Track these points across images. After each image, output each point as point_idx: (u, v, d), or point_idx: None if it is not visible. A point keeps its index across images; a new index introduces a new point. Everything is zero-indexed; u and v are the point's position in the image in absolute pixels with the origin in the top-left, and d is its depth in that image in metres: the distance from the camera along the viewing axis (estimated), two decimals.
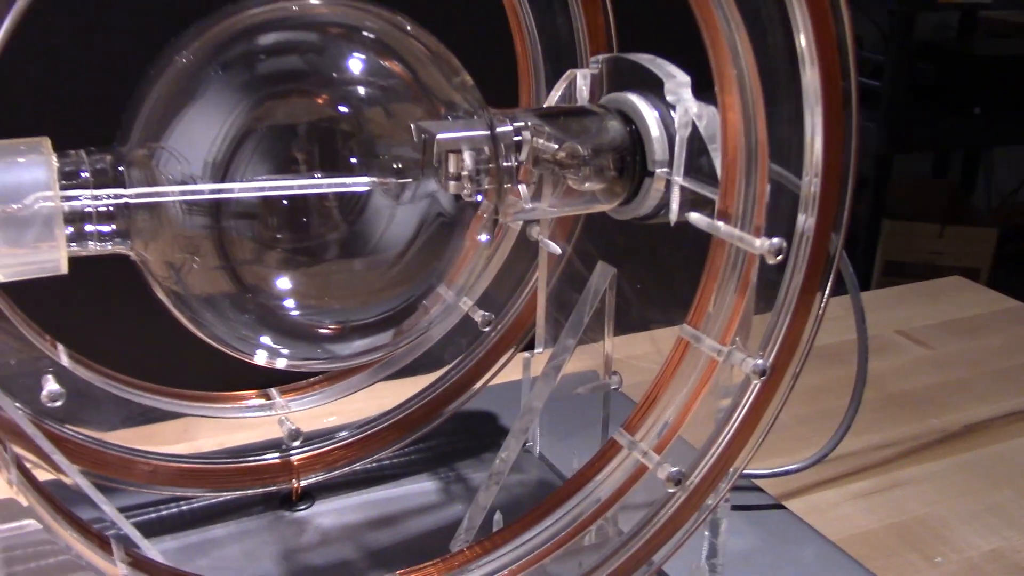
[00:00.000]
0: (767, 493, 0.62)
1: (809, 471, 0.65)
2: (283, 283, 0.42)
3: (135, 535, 0.45)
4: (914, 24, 1.84)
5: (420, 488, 0.59)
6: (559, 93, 0.52)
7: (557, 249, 0.56)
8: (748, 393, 0.45)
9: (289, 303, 0.43)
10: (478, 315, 0.58)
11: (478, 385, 0.59)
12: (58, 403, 0.49)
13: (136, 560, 0.38)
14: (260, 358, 0.45)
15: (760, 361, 0.44)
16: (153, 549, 0.46)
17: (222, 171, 0.40)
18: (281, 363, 0.45)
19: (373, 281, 0.44)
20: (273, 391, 0.57)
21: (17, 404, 0.48)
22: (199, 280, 0.41)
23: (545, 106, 0.52)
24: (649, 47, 0.50)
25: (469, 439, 0.61)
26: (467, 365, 0.59)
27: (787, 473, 0.62)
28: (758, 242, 0.43)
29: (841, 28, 0.41)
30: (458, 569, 0.46)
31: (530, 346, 0.59)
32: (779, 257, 0.43)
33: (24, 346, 0.50)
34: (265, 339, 0.44)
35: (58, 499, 0.36)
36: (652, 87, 0.48)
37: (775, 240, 0.43)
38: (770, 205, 0.44)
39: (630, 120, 0.48)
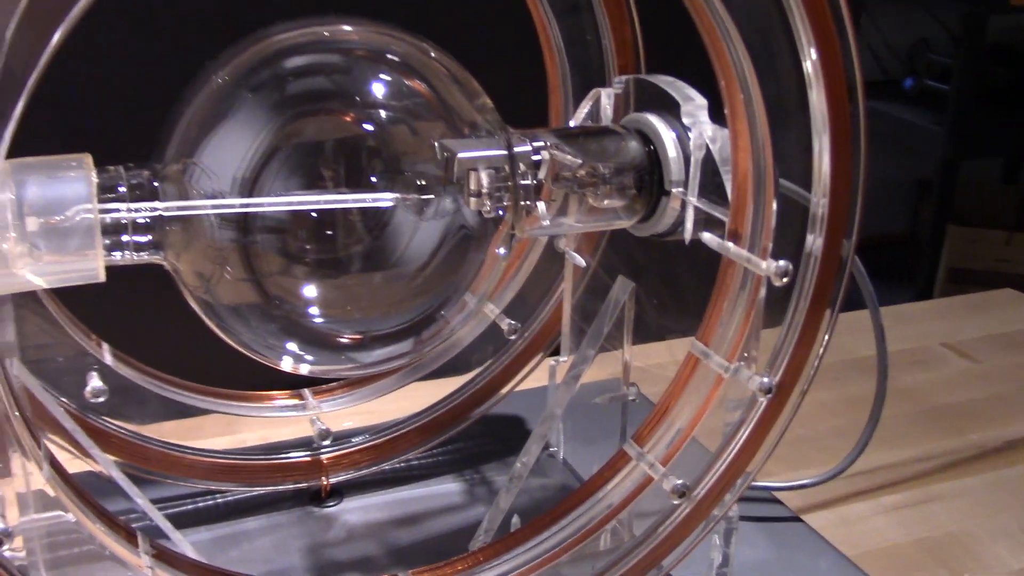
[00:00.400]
0: (785, 506, 0.63)
1: (841, 483, 0.65)
2: (307, 295, 0.44)
3: (167, 526, 0.48)
4: (986, 27, 1.81)
5: (445, 489, 0.61)
6: (585, 111, 0.54)
7: (582, 262, 0.58)
8: (755, 409, 0.46)
9: (313, 314, 0.45)
10: (504, 323, 0.60)
11: (504, 390, 0.61)
12: (101, 399, 0.52)
13: (160, 552, 0.41)
14: (286, 365, 0.47)
15: (766, 379, 0.45)
16: (184, 541, 0.48)
17: (250, 187, 0.42)
18: (305, 369, 0.47)
19: (394, 293, 0.46)
20: (306, 391, 0.60)
21: (63, 399, 0.51)
22: (227, 290, 0.44)
23: (567, 125, 0.54)
24: (677, 65, 0.52)
25: (495, 442, 0.63)
26: (494, 371, 0.61)
27: (803, 487, 0.63)
28: (764, 264, 0.44)
29: (848, 53, 0.42)
30: (472, 569, 0.48)
31: (556, 353, 0.61)
32: (785, 279, 0.44)
33: (71, 345, 0.53)
34: (290, 347, 0.46)
35: (87, 492, 0.39)
36: (671, 108, 0.49)
37: (781, 263, 0.44)
38: (782, 224, 0.45)
39: (649, 140, 0.49)
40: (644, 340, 0.56)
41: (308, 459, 0.59)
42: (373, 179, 0.44)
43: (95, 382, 0.53)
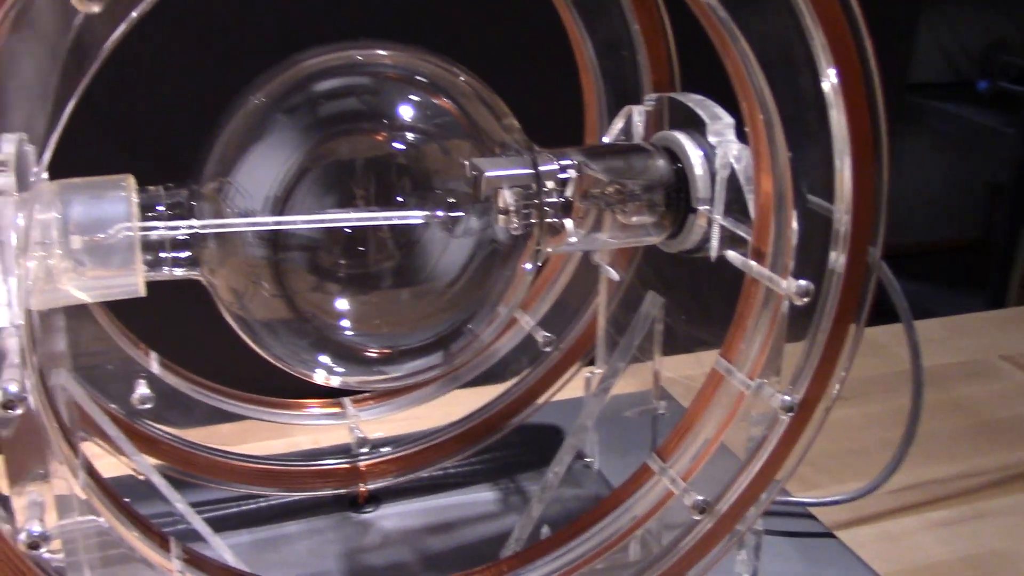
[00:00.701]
0: (819, 521, 0.63)
1: (887, 497, 0.65)
2: (338, 311, 0.46)
3: (205, 530, 0.50)
4: None
5: (480, 497, 0.62)
6: (617, 128, 0.55)
7: (615, 275, 0.58)
8: (778, 426, 0.47)
9: (343, 329, 0.46)
10: (540, 335, 0.61)
11: (540, 401, 0.62)
12: (147, 406, 0.55)
13: (192, 557, 0.42)
14: (319, 378, 0.49)
15: (788, 398, 0.46)
16: (222, 544, 0.50)
17: (281, 205, 0.44)
18: (337, 382, 0.48)
19: (424, 308, 0.48)
20: (345, 400, 0.61)
21: (112, 405, 0.54)
22: (260, 306, 0.45)
23: (597, 143, 0.54)
24: (713, 81, 0.52)
25: (531, 452, 0.64)
26: (530, 381, 0.62)
27: (836, 503, 0.63)
28: (784, 283, 0.44)
29: (868, 71, 0.42)
30: None
31: (593, 363, 0.62)
32: (805, 299, 0.44)
33: (120, 354, 0.55)
34: (322, 360, 0.48)
35: (121, 498, 0.41)
36: (700, 126, 0.50)
37: (802, 283, 0.44)
38: (806, 241, 0.45)
39: (677, 158, 0.50)
40: (674, 352, 0.56)
41: (346, 466, 0.60)
42: (404, 197, 0.45)
43: (142, 389, 0.55)
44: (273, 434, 0.64)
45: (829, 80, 0.42)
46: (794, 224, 0.44)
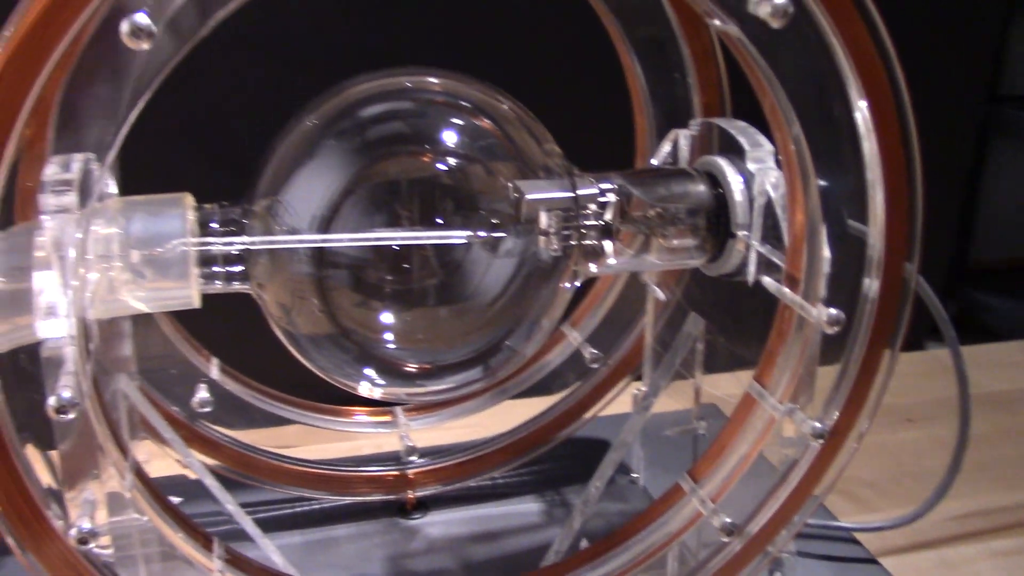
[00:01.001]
0: (863, 546, 0.62)
1: (950, 523, 0.65)
2: (381, 327, 0.48)
3: (254, 531, 0.53)
4: None
5: (526, 508, 0.64)
6: (665, 151, 0.56)
7: (661, 296, 0.59)
8: (808, 451, 0.47)
9: (385, 345, 0.48)
10: (587, 352, 0.62)
11: (588, 415, 0.64)
12: (207, 410, 0.58)
13: (233, 558, 0.45)
14: (363, 389, 0.51)
15: (819, 424, 0.46)
16: (270, 545, 0.53)
17: (327, 223, 0.46)
18: (378, 394, 0.50)
19: (463, 325, 0.49)
20: (397, 409, 0.63)
21: (175, 407, 0.57)
22: (305, 320, 0.48)
23: (643, 167, 0.55)
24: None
25: (579, 466, 0.65)
26: (578, 396, 0.63)
27: (879, 529, 0.62)
28: (815, 311, 0.45)
29: (900, 101, 0.43)
30: None
31: (640, 379, 0.63)
32: (836, 328, 0.44)
33: (183, 359, 0.58)
34: (365, 373, 0.50)
35: (167, 499, 0.44)
36: (741, 153, 0.50)
37: (832, 311, 0.44)
38: (841, 267, 0.45)
39: (719, 183, 0.51)
40: (715, 371, 0.57)
41: (395, 473, 0.62)
42: (448, 217, 0.47)
43: (202, 393, 0.58)
44: (326, 440, 0.66)
45: (861, 112, 0.42)
46: (826, 253, 0.45)
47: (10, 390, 0.39)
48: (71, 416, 0.37)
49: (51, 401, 0.37)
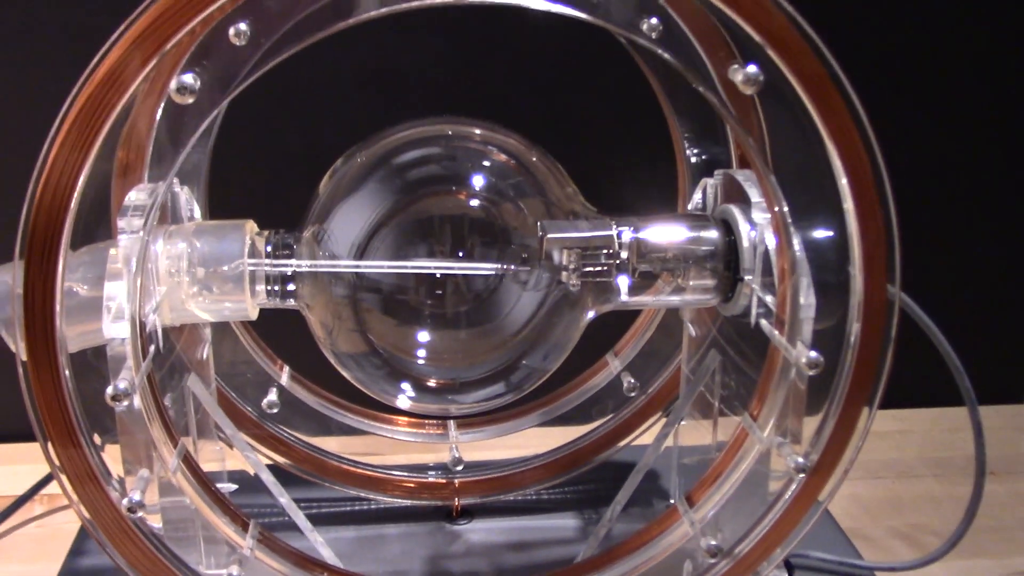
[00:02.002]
0: None
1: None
2: (409, 346, 0.54)
3: (303, 523, 0.60)
4: None
5: (563, 524, 0.68)
6: (697, 198, 0.60)
7: (692, 331, 0.63)
8: (794, 484, 0.50)
9: (412, 362, 0.54)
10: (627, 380, 0.67)
11: (622, 443, 0.68)
12: (274, 411, 0.65)
13: (265, 539, 0.51)
14: (401, 403, 0.57)
15: (801, 459, 0.49)
16: (317, 536, 0.59)
17: (364, 252, 0.52)
18: (404, 404, 0.56)
19: (487, 347, 0.55)
20: (450, 423, 0.69)
21: (248, 407, 0.64)
22: (343, 339, 0.54)
23: (667, 213, 0.59)
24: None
25: (616, 488, 0.68)
26: (616, 422, 0.68)
27: (895, 569, 0.64)
28: (795, 352, 0.48)
29: (878, 172, 0.46)
30: None
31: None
32: (815, 370, 0.48)
33: (259, 366, 0.66)
34: (402, 387, 0.56)
35: (211, 484, 0.51)
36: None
37: (813, 354, 0.48)
38: (829, 315, 0.49)
39: (731, 230, 0.55)
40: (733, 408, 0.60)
41: (443, 481, 0.68)
42: (477, 250, 0.53)
43: (271, 397, 0.66)
44: (385, 447, 0.72)
45: (837, 168, 0.46)
46: (807, 299, 0.48)
47: (79, 380, 0.46)
48: (125, 404, 0.45)
49: (109, 390, 0.45)
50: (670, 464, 0.68)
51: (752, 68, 0.45)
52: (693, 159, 0.63)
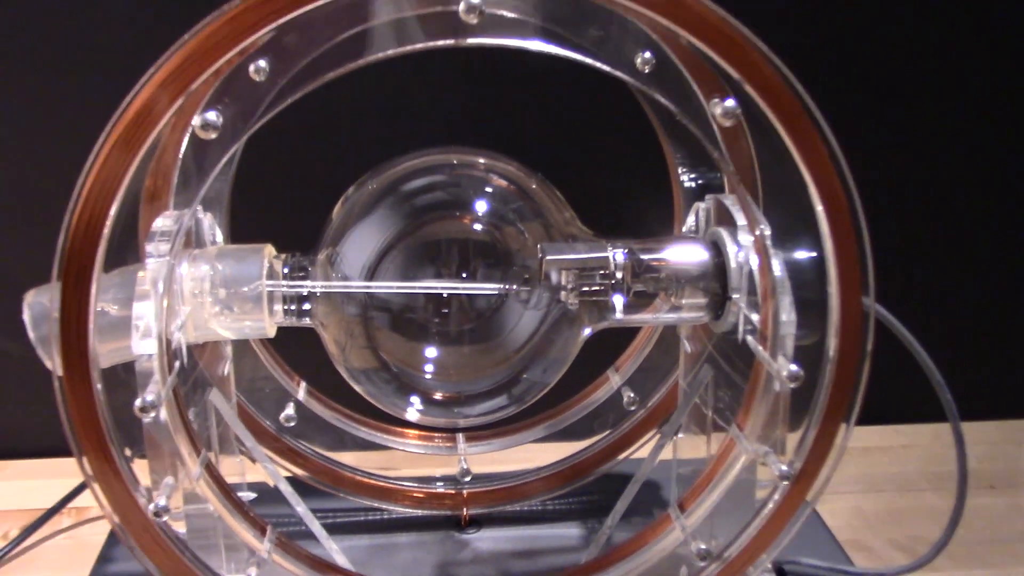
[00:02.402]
0: None
1: None
2: (416, 361, 0.57)
3: (319, 532, 0.63)
4: None
5: (568, 533, 0.72)
6: (691, 221, 0.63)
7: (688, 348, 0.66)
8: (779, 491, 0.53)
9: (420, 377, 0.58)
10: (627, 395, 0.70)
11: (621, 456, 0.71)
12: (291, 424, 0.68)
13: (283, 543, 0.55)
14: (411, 416, 0.60)
15: (785, 468, 0.52)
16: (332, 544, 0.63)
17: (373, 272, 0.56)
18: (414, 416, 0.60)
19: (489, 362, 0.58)
20: (459, 436, 0.73)
21: (267, 421, 0.68)
22: (355, 356, 0.58)
23: (663, 235, 0.63)
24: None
25: (617, 498, 0.71)
26: (615, 436, 0.71)
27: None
28: (776, 366, 0.51)
29: (853, 207, 0.49)
30: None
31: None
32: (796, 383, 0.51)
33: (276, 381, 0.69)
34: (413, 400, 0.59)
35: (232, 492, 0.54)
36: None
37: (793, 367, 0.51)
38: (810, 331, 0.52)
39: (721, 251, 0.58)
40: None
41: (452, 491, 0.72)
42: (480, 271, 0.56)
43: (288, 411, 0.69)
44: (397, 460, 0.76)
45: (813, 194, 0.49)
46: (790, 317, 0.51)
47: (109, 394, 0.50)
48: (152, 415, 0.48)
49: (137, 402, 0.48)
50: (670, 476, 0.71)
51: (730, 102, 0.48)
52: (688, 183, 0.66)
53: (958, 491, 0.64)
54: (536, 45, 0.49)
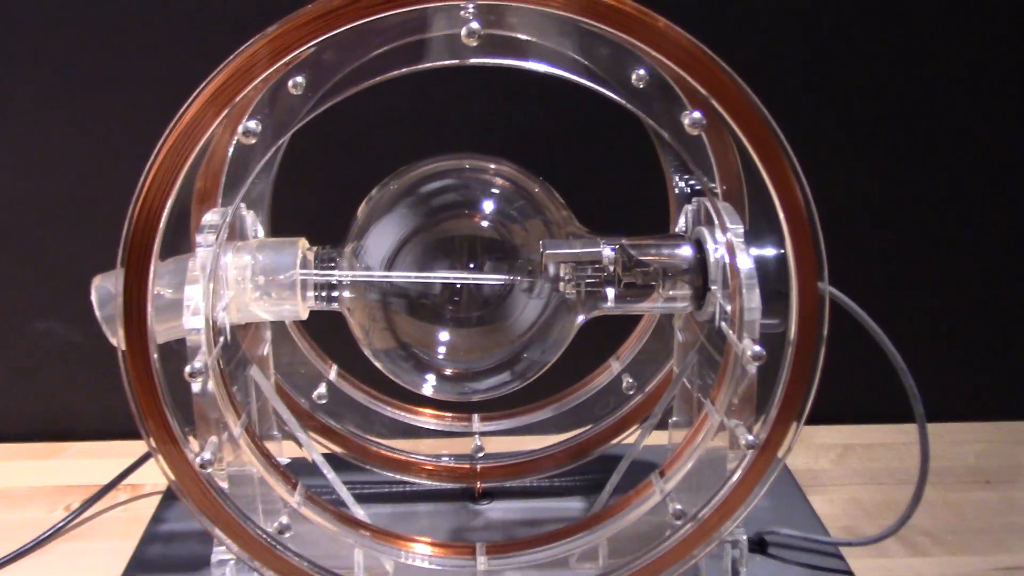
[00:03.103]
0: (844, 560, 0.73)
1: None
2: (431, 342, 0.65)
3: (346, 496, 0.70)
4: None
5: (571, 505, 0.79)
6: (681, 222, 0.70)
7: (680, 337, 0.73)
8: (746, 459, 0.60)
9: (433, 356, 0.65)
10: (626, 380, 0.77)
11: (616, 440, 0.78)
12: (323, 402, 0.76)
13: (311, 497, 0.63)
14: (426, 390, 0.68)
15: (752, 437, 0.59)
16: (356, 506, 0.70)
17: (392, 264, 0.64)
18: (428, 391, 0.67)
19: (495, 343, 0.66)
20: (475, 416, 0.80)
21: (301, 399, 0.76)
22: (377, 337, 0.65)
23: (653, 233, 0.69)
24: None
25: (625, 478, 0.76)
26: (615, 418, 0.78)
27: (849, 544, 0.73)
28: (741, 346, 0.58)
29: (810, 208, 0.56)
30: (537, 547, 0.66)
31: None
32: (759, 362, 0.58)
33: (311, 363, 0.77)
34: (428, 377, 0.67)
35: (268, 451, 0.62)
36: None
37: (757, 348, 0.58)
38: (773, 316, 0.59)
39: (702, 248, 0.65)
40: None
41: (466, 466, 0.79)
42: (488, 263, 0.64)
43: (320, 390, 0.77)
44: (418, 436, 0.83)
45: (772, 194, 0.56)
46: (754, 303, 0.58)
47: (164, 365, 0.58)
48: (199, 380, 0.57)
49: (187, 369, 0.56)
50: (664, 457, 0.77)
51: (696, 114, 0.55)
52: (679, 187, 0.73)
53: (920, 473, 0.70)
54: (542, 68, 0.57)
